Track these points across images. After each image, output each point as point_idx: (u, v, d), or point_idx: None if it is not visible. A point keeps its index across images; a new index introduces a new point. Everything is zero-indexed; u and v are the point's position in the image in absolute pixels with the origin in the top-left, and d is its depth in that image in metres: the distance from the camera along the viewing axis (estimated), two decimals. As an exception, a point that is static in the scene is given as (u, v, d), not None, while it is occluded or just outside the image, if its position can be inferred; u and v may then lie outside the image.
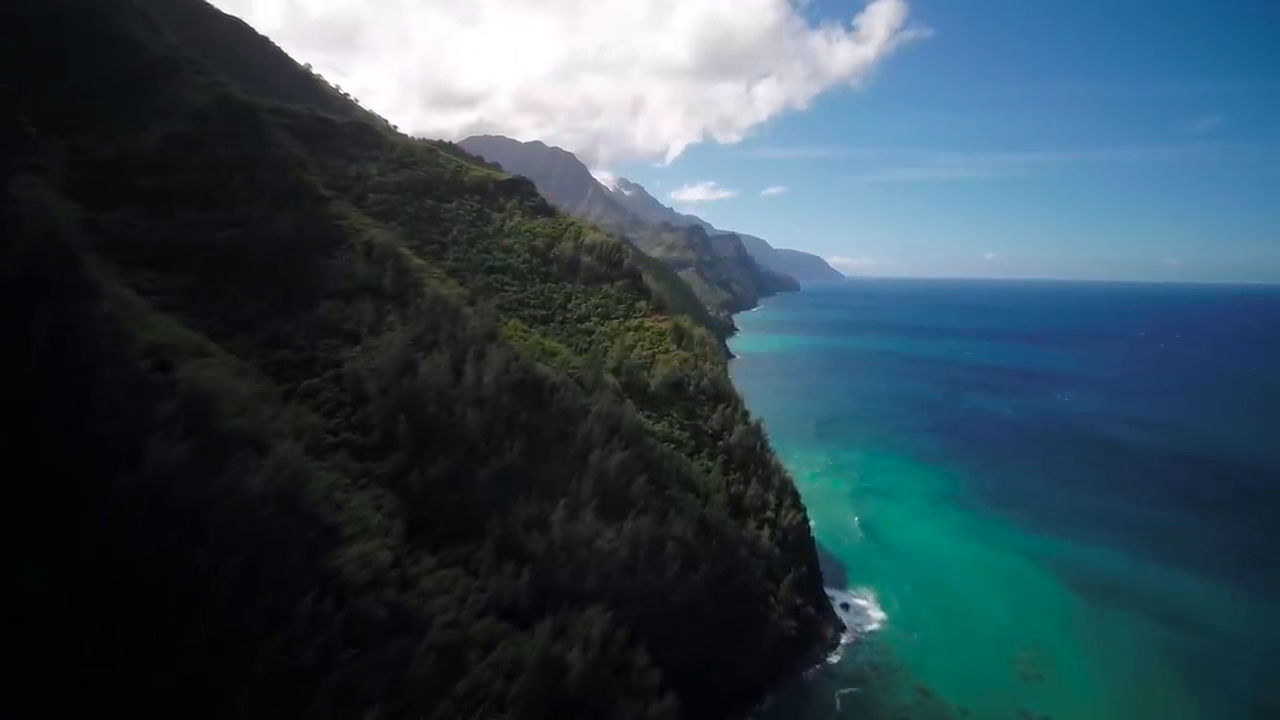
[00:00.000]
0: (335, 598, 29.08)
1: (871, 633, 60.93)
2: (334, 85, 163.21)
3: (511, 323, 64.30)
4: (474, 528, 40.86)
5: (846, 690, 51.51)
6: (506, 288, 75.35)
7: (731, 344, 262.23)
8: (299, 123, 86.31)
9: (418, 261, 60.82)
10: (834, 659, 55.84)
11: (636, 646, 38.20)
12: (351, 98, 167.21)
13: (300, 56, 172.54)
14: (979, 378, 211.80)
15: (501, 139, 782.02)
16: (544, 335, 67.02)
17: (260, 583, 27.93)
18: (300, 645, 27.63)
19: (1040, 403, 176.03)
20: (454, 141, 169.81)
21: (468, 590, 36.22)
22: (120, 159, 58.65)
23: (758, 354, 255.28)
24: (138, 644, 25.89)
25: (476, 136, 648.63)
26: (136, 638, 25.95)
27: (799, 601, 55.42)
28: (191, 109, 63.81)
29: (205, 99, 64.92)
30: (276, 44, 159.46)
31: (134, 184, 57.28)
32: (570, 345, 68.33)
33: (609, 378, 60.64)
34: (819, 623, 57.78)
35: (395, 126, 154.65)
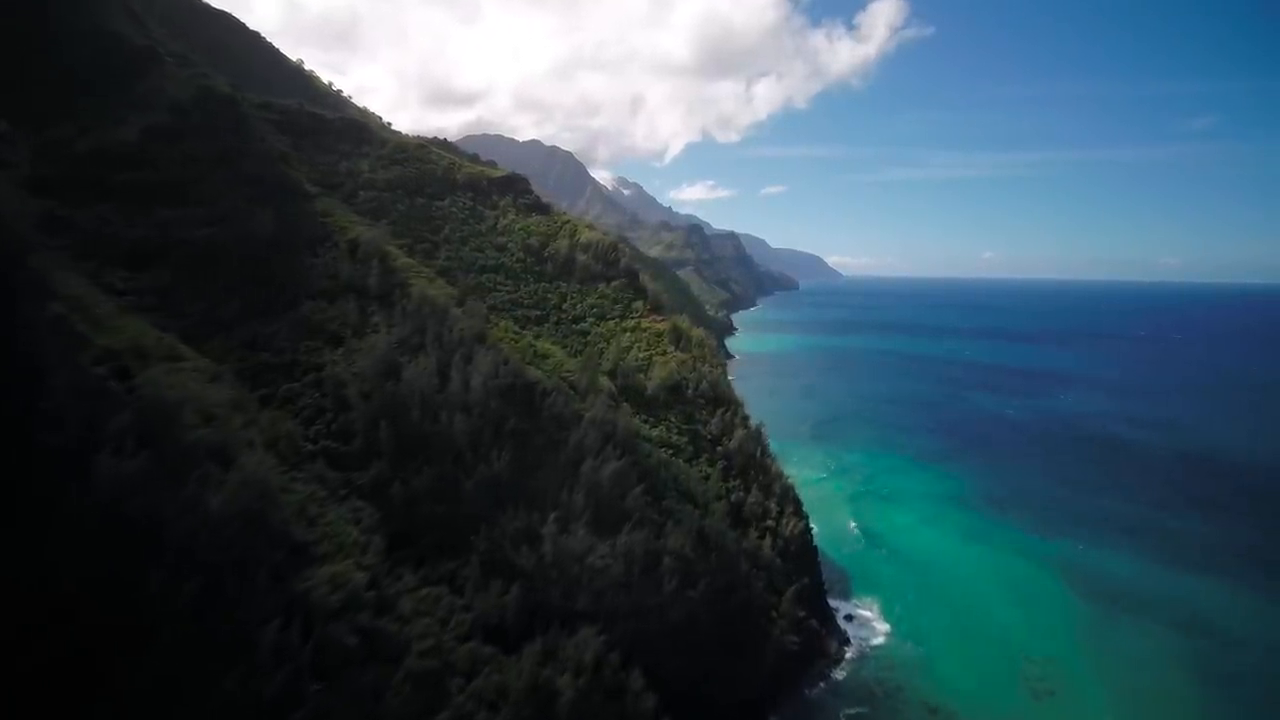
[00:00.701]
0: (303, 624, 26.82)
1: (876, 646, 58.70)
2: (327, 82, 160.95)
3: (503, 324, 62.02)
4: (460, 542, 38.64)
5: (853, 710, 49.25)
6: (499, 287, 73.06)
7: (730, 344, 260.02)
8: (288, 118, 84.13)
9: (404, 260, 58.55)
10: (839, 675, 53.61)
11: (631, 669, 35.96)
12: (345, 94, 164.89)
13: (298, 55, 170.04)
14: (979, 377, 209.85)
15: (499, 138, 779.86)
16: (537, 337, 64.74)
17: (220, 609, 25.69)
18: (263, 677, 25.38)
19: (1041, 402, 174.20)
20: (452, 140, 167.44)
21: (451, 611, 33.97)
22: (97, 153, 56.46)
23: (757, 354, 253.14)
24: (82, 677, 23.66)
25: (475, 135, 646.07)
26: (81, 670, 23.73)
27: (801, 614, 53.19)
28: (171, 101, 61.48)
29: (185, 91, 62.58)
30: (269, 40, 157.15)
31: (110, 179, 55.11)
32: (565, 347, 66.07)
33: (604, 380, 58.41)
34: (822, 637, 55.59)
35: (389, 124, 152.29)
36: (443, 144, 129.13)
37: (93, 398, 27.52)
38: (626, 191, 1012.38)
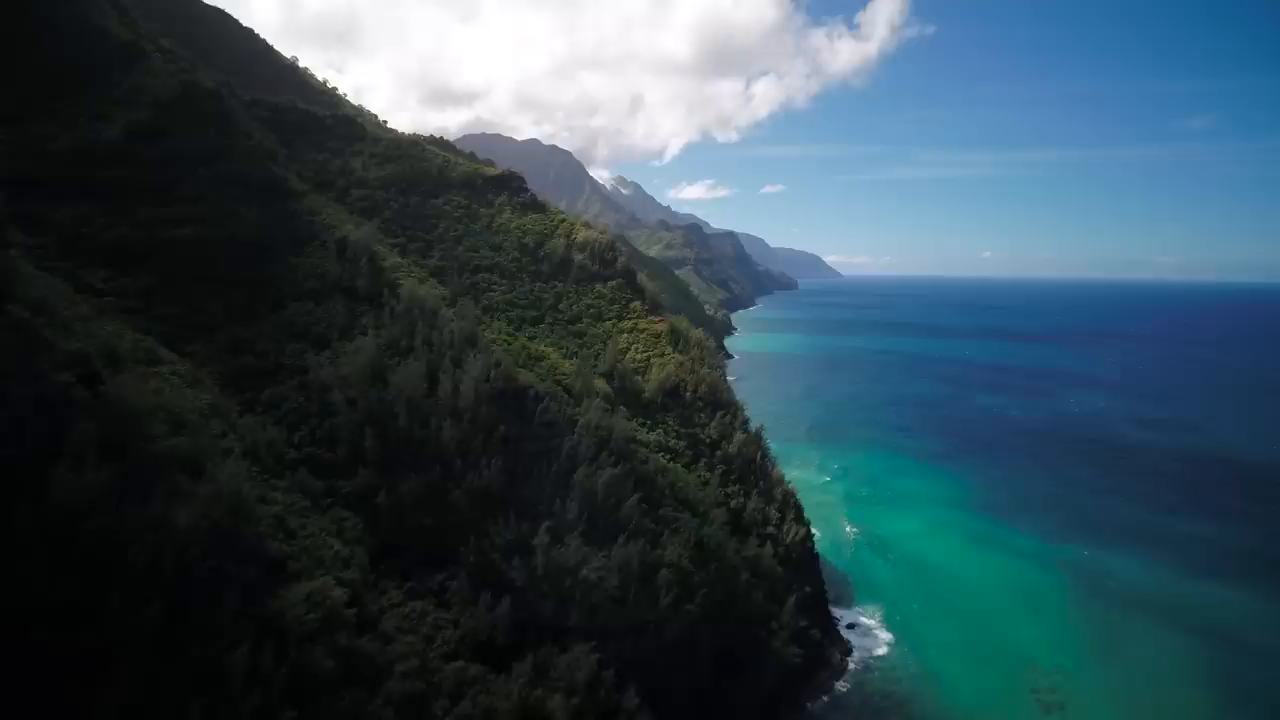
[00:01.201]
0: (277, 647, 25.19)
1: (880, 657, 57.14)
2: (322, 79, 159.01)
3: (497, 325, 60.45)
4: (448, 553, 37.07)
5: (856, 725, 47.99)
6: (494, 287, 71.55)
7: (730, 343, 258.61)
8: (279, 115, 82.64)
9: (394, 260, 56.96)
10: (842, 687, 52.06)
11: (626, 688, 34.40)
12: (340, 92, 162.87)
13: (298, 54, 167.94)
14: (980, 377, 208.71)
15: (498, 136, 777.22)
16: (531, 338, 63.21)
17: (187, 632, 24.10)
18: (233, 704, 23.78)
19: (1042, 402, 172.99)
20: (452, 140, 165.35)
21: (437, 627, 32.41)
22: (78, 150, 54.86)
23: (756, 354, 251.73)
24: (38, 705, 22.06)
25: (474, 134, 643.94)
26: (37, 698, 22.13)
27: (803, 624, 51.67)
28: (155, 98, 59.82)
29: (169, 87, 60.86)
30: (263, 38, 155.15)
31: (93, 177, 53.53)
32: (560, 348, 64.51)
33: (600, 383, 56.87)
34: (824, 647, 54.06)
35: (385, 122, 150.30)
36: (438, 141, 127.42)
37: (53, 406, 25.92)
38: (625, 191, 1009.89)
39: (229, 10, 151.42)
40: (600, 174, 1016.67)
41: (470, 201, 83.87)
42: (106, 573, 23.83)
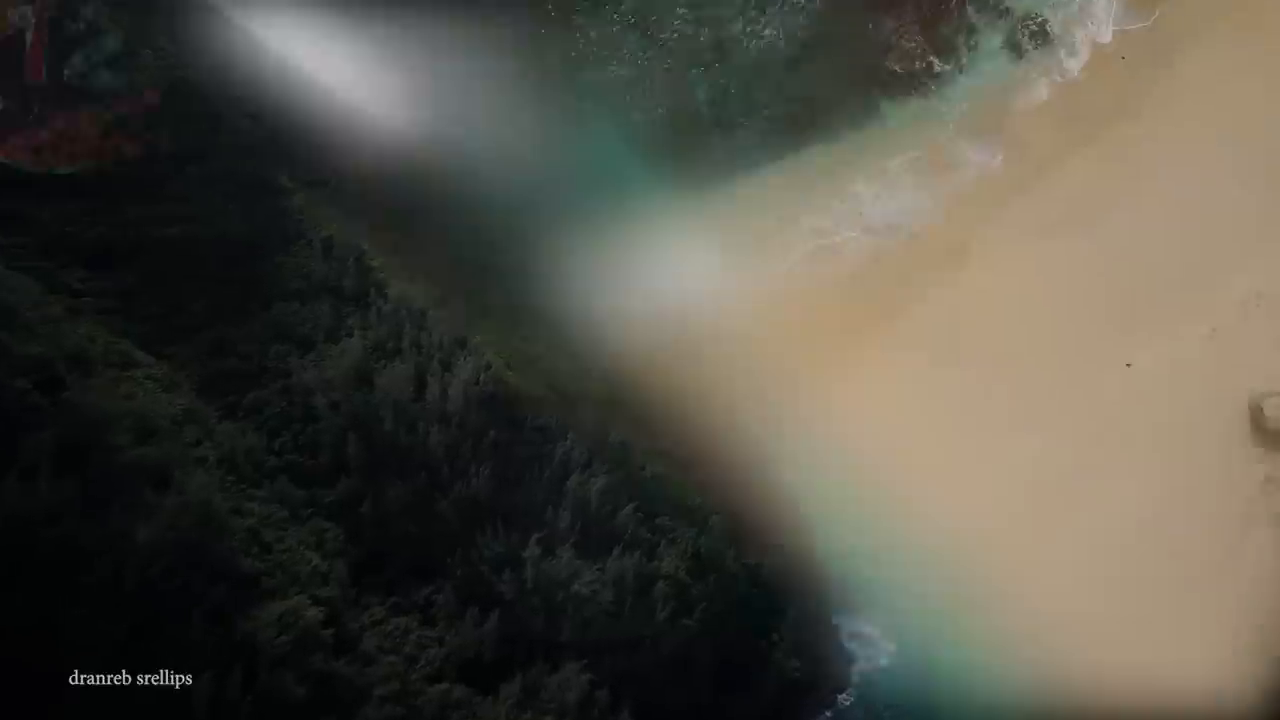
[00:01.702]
0: (244, 672, 23.73)
1: (884, 668, 55.35)
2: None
3: (489, 325, 58.86)
4: (434, 565, 35.65)
5: (860, 742, 46.34)
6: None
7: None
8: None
9: (384, 259, 55.37)
10: (845, 700, 50.31)
11: (621, 709, 32.92)
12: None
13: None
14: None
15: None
16: (525, 339, 61.56)
17: (146, 659, 22.63)
18: (197, 734, 22.35)
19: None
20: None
21: (421, 646, 30.93)
22: (60, 146, 53.38)
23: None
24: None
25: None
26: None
27: (805, 634, 50.05)
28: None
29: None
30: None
31: (78, 173, 52.14)
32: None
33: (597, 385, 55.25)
34: (827, 659, 52.40)
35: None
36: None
37: (6, 414, 24.46)
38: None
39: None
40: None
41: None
42: (61, 592, 22.39)
